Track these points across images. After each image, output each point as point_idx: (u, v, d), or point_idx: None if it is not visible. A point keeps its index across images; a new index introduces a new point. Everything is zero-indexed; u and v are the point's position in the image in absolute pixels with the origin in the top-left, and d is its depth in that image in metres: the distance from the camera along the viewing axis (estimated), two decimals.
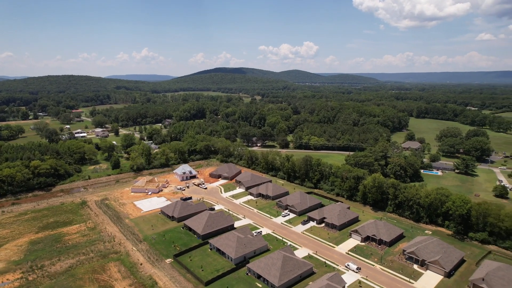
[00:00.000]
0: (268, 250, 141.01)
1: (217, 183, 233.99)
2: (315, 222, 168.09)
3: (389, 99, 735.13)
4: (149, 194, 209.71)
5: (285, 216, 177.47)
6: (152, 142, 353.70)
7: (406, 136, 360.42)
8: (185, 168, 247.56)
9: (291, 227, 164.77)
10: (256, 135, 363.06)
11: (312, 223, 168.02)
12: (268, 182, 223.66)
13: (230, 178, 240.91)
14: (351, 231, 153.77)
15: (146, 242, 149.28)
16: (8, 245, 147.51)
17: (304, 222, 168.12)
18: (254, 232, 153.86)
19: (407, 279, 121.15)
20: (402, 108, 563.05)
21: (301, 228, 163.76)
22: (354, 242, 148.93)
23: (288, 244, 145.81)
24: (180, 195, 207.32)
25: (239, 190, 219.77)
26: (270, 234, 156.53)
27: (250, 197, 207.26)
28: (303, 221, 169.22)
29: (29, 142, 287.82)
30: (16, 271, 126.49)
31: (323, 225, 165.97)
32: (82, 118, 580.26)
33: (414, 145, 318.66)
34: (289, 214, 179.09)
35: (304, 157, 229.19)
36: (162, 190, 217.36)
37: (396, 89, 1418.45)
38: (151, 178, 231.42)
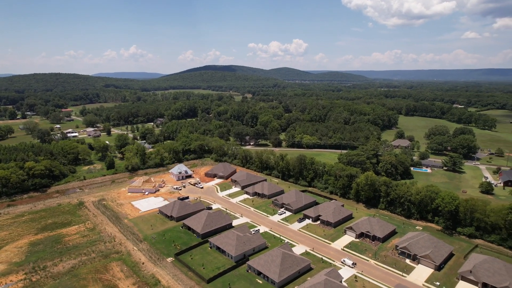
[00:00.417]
0: (266, 247, 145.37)
1: (213, 183, 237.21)
2: (311, 219, 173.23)
3: (378, 97, 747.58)
4: (146, 194, 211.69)
5: (281, 214, 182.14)
6: (145, 141, 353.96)
7: (396, 134, 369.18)
8: (180, 167, 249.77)
9: (288, 225, 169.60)
10: (249, 134, 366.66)
11: (308, 221, 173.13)
12: (263, 181, 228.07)
13: (226, 177, 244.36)
14: (346, 228, 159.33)
15: (146, 242, 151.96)
16: (8, 247, 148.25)
17: (300, 220, 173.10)
18: (252, 230, 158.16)
19: (400, 273, 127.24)
20: (391, 106, 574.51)
21: (297, 225, 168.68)
22: (349, 238, 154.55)
23: (285, 241, 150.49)
24: (177, 195, 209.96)
25: (235, 189, 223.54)
26: (267, 232, 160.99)
27: (246, 196, 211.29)
28: (299, 219, 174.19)
29: (21, 143, 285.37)
30: (18, 273, 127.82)
31: (319, 222, 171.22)
32: (72, 117, 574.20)
33: (404, 143, 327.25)
34: (285, 212, 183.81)
35: (298, 156, 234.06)
36: (159, 190, 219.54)
37: (384, 86, 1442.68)
38: (148, 178, 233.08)
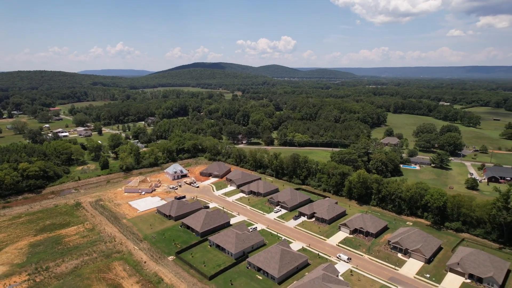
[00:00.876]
0: (264, 244, 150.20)
1: (208, 182, 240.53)
2: (306, 217, 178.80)
3: (367, 95, 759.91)
4: (142, 194, 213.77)
5: (277, 212, 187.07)
6: (138, 141, 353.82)
7: (385, 132, 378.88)
8: (176, 167, 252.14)
9: (284, 222, 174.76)
10: (241, 133, 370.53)
11: (303, 218, 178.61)
12: (258, 179, 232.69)
13: (221, 176, 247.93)
14: (340, 225, 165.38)
15: (146, 241, 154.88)
16: (8, 248, 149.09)
17: (295, 217, 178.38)
18: (249, 228, 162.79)
19: (393, 267, 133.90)
20: (380, 103, 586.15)
21: (293, 223, 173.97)
22: (343, 234, 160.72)
23: (283, 238, 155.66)
24: (173, 194, 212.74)
25: (231, 188, 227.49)
26: (265, 230, 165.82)
27: (242, 194, 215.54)
28: (295, 216, 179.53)
29: (13, 143, 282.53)
30: (21, 274, 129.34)
31: (314, 219, 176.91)
32: (61, 116, 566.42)
33: (393, 140, 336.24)
34: (280, 210, 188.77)
35: (291, 154, 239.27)
36: (155, 189, 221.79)
37: (372, 83, 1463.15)
38: (144, 178, 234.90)
